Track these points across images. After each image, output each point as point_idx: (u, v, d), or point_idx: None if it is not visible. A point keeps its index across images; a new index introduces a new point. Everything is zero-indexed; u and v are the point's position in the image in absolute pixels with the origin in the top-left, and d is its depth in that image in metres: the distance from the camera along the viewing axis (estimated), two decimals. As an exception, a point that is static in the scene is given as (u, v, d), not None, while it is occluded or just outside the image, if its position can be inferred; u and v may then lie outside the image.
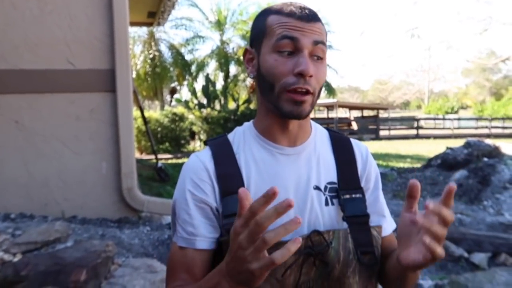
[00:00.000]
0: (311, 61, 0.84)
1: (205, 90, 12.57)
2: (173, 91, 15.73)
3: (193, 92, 13.08)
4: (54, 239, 2.67)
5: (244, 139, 0.93)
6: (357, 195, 0.92)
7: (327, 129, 1.02)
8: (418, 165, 7.21)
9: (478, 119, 27.37)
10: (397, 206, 4.59)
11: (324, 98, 23.25)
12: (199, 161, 0.90)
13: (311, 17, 0.85)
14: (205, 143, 0.97)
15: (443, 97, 41.16)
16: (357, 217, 0.89)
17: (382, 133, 22.62)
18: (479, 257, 3.33)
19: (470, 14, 20.11)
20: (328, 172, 0.93)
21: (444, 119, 27.99)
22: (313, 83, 0.84)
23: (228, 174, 0.88)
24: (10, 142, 3.93)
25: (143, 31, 17.24)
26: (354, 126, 22.27)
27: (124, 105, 4.16)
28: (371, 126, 22.32)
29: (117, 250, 2.78)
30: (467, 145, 5.97)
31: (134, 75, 16.72)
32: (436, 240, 0.69)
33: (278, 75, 0.84)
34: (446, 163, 5.83)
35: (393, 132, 23.62)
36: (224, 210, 0.86)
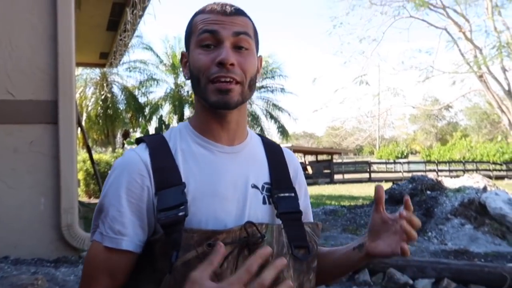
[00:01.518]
0: (233, 51, 0.85)
1: (158, 132, 12.44)
2: (125, 134, 15.45)
3: (147, 134, 12.92)
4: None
5: (180, 136, 0.92)
6: (290, 194, 0.94)
7: (259, 135, 1.05)
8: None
9: (426, 162, 28.59)
10: (346, 240, 4.61)
11: (279, 144, 23.59)
12: (136, 155, 0.87)
13: (232, 11, 0.87)
14: (138, 139, 0.94)
15: (393, 143, 42.95)
16: (290, 214, 0.90)
17: (337, 177, 23.07)
18: (423, 283, 3.36)
19: (413, 63, 21.47)
20: (263, 172, 0.94)
21: (395, 163, 29.06)
22: (238, 72, 0.85)
23: (164, 167, 0.86)
24: None
25: (95, 73, 17.09)
26: (309, 170, 22.61)
27: (66, 137, 4.02)
28: (325, 171, 22.75)
29: (48, 286, 2.57)
30: (412, 180, 6.19)
31: (85, 117, 16.36)
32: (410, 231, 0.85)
33: (202, 67, 0.85)
34: (393, 197, 5.99)
35: (346, 176, 24.15)
36: (159, 204, 0.82)
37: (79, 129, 5.89)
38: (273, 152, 1.00)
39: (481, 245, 4.37)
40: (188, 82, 0.92)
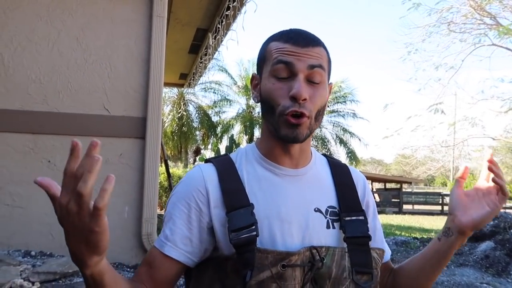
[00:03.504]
0: (306, 84, 0.85)
1: (229, 151, 12.84)
2: (197, 151, 16.08)
3: (217, 152, 13.37)
4: (73, 272, 2.69)
5: (246, 158, 0.94)
6: (359, 217, 0.92)
7: (324, 155, 1.05)
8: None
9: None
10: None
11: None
12: (201, 173, 0.91)
13: (308, 42, 0.87)
14: (206, 161, 0.97)
15: (469, 175, 40.38)
16: (357, 238, 0.89)
17: (405, 207, 22.13)
18: (507, 328, 3.15)
19: (495, 93, 20.20)
20: (328, 196, 0.94)
21: (470, 196, 27.25)
22: (309, 106, 0.85)
23: (233, 189, 0.88)
24: (40, 180, 4.08)
25: (173, 92, 18.02)
26: (377, 198, 21.91)
27: (152, 151, 4.31)
28: (394, 199, 21.92)
29: None
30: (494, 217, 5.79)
31: (161, 133, 17.16)
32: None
33: (275, 98, 0.86)
34: (471, 234, 5.64)
35: (416, 207, 23.07)
36: (231, 225, 0.84)
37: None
38: (339, 173, 0.99)
39: None
40: (259, 104, 0.93)
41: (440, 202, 23.27)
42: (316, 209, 0.90)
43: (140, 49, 4.36)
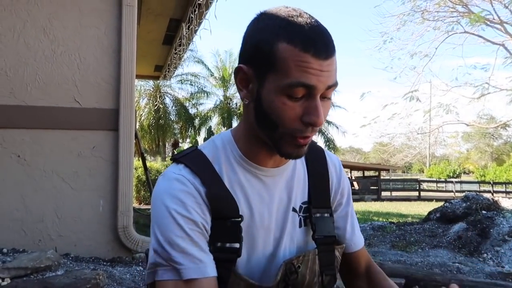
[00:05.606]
0: (320, 101, 0.74)
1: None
2: (175, 144, 15.96)
3: (195, 145, 13.28)
4: (45, 267, 2.64)
5: (225, 158, 0.84)
6: (326, 215, 0.90)
7: None
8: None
9: (480, 182, 27.29)
10: (395, 256, 4.51)
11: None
12: (185, 179, 0.79)
13: (329, 51, 0.72)
14: (175, 160, 0.85)
15: (444, 161, 41.31)
16: (326, 238, 0.88)
17: (384, 194, 22.49)
18: (478, 305, 3.23)
19: (468, 80, 20.64)
20: (302, 190, 0.90)
21: (446, 182, 27.93)
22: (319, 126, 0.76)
23: (220, 196, 0.79)
24: (10, 176, 3.98)
25: (149, 85, 17.79)
26: (356, 186, 22.21)
27: (126, 143, 4.25)
28: (372, 187, 22.26)
29: (107, 281, 2.73)
30: (466, 198, 5.96)
31: (137, 127, 17.18)
32: None
33: (285, 120, 0.73)
34: (445, 216, 5.79)
35: (394, 194, 23.49)
36: (214, 236, 0.78)
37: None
38: (314, 160, 0.93)
39: (543, 270, 4.14)
40: (237, 95, 0.88)
41: (417, 188, 23.71)
42: (293, 208, 0.87)
43: (110, 40, 4.26)
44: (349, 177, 24.66)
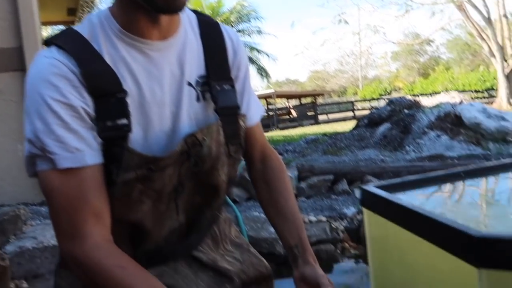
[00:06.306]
0: None
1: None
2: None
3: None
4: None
5: (103, 35, 0.77)
6: (228, 87, 0.88)
7: (194, 11, 0.93)
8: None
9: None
10: (326, 159, 4.72)
11: (257, 85, 23.58)
12: (57, 61, 0.72)
13: None
14: (47, 44, 0.77)
15: (376, 82, 43.03)
16: (228, 108, 0.86)
17: (321, 118, 23.23)
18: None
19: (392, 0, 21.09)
20: (198, 64, 0.85)
21: (378, 99, 29.27)
22: None
23: (98, 72, 0.74)
24: None
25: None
26: (294, 114, 22.70)
27: (35, 82, 3.95)
28: (310, 113, 22.85)
29: (32, 216, 2.63)
30: (390, 102, 6.27)
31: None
32: None
33: None
34: (372, 121, 6.09)
35: (331, 116, 24.34)
36: (99, 115, 0.73)
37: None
38: (209, 35, 0.89)
39: (457, 152, 4.52)
40: None
41: (352, 108, 24.68)
42: (188, 82, 0.83)
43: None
44: (286, 106, 25.10)
